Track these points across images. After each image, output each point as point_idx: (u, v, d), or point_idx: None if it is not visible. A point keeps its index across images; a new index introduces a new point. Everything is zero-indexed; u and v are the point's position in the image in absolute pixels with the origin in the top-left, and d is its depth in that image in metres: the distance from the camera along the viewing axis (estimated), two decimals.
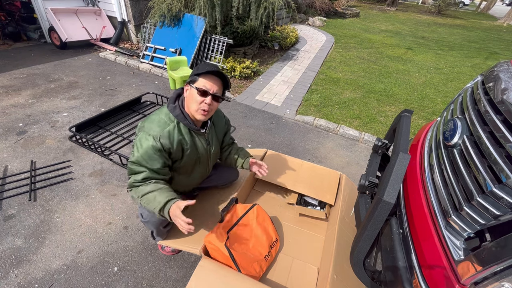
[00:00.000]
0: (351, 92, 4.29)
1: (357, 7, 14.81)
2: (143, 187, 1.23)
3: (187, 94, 1.31)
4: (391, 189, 1.02)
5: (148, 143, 1.21)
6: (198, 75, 1.26)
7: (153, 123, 1.28)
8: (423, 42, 8.43)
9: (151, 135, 1.22)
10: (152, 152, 1.22)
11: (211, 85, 1.26)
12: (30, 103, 3.23)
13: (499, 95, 0.96)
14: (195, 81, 1.27)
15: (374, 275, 1.19)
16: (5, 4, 5.20)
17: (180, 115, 1.31)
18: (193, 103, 1.27)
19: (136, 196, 1.25)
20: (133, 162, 1.24)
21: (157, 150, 1.22)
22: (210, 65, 1.28)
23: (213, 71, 1.25)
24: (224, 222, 1.51)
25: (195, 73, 1.27)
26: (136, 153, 1.23)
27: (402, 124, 1.47)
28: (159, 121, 1.28)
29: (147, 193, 1.21)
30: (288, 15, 8.73)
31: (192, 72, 1.31)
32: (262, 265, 1.47)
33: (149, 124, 1.27)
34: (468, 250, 0.86)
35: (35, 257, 1.63)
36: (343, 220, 1.81)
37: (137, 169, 1.24)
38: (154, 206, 1.19)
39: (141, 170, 1.23)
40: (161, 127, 1.26)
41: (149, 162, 1.23)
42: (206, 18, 4.22)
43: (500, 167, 0.81)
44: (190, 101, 1.29)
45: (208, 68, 1.25)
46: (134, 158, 1.23)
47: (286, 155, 2.21)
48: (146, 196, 1.21)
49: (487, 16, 17.99)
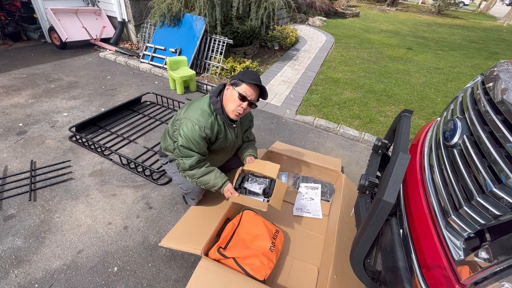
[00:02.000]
0: (351, 92, 4.29)
1: (357, 7, 14.81)
2: (197, 170, 1.53)
3: (228, 94, 1.48)
4: (391, 189, 1.02)
5: (195, 132, 1.43)
6: (243, 81, 1.42)
7: (197, 113, 1.46)
8: (423, 42, 8.43)
9: (197, 125, 1.43)
10: (199, 140, 1.46)
11: (251, 93, 1.45)
12: (30, 103, 3.23)
13: (499, 95, 0.96)
14: (238, 85, 1.44)
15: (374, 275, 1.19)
16: (5, 4, 5.20)
17: (219, 109, 1.50)
18: (232, 103, 1.47)
19: (192, 178, 1.55)
20: (184, 147, 1.46)
21: (202, 138, 1.46)
22: (255, 76, 1.45)
23: (256, 84, 1.43)
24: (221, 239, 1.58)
25: (240, 78, 1.43)
26: (185, 139, 1.44)
27: (402, 124, 1.47)
28: (203, 112, 1.48)
29: (203, 175, 1.54)
30: (288, 15, 8.73)
31: (237, 74, 1.47)
32: (269, 257, 1.48)
33: (194, 114, 1.46)
34: (468, 250, 0.86)
35: (35, 257, 1.63)
36: (343, 220, 1.81)
37: (188, 152, 1.48)
38: (213, 184, 1.55)
39: (192, 154, 1.48)
40: (205, 118, 1.47)
41: (197, 147, 1.47)
42: (206, 18, 4.22)
43: (500, 167, 0.81)
44: (230, 100, 1.47)
45: (253, 79, 1.43)
46: (184, 143, 1.45)
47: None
48: (204, 178, 1.55)
49: (487, 16, 17.99)
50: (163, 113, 3.27)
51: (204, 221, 1.67)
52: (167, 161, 1.79)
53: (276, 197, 1.56)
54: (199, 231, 1.59)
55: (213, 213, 1.73)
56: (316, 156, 2.38)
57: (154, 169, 2.26)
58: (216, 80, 4.31)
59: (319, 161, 2.30)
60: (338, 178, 2.23)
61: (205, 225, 1.63)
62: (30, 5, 5.04)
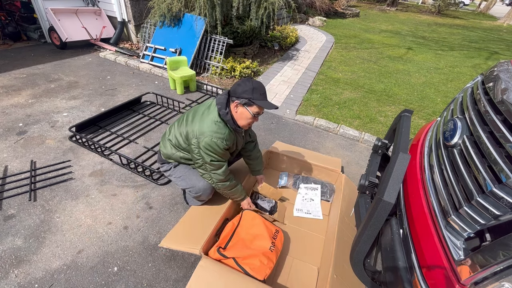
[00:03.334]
0: (351, 92, 4.29)
1: (357, 7, 14.81)
2: (229, 181, 1.63)
3: (238, 112, 1.50)
4: (391, 189, 1.02)
5: (218, 147, 1.49)
6: (254, 102, 1.44)
7: (213, 127, 1.49)
8: (423, 42, 8.43)
9: (219, 139, 1.48)
10: (223, 151, 1.52)
11: (262, 108, 1.50)
12: (30, 103, 3.23)
13: (499, 95, 0.96)
14: (250, 105, 1.46)
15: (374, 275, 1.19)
16: (5, 4, 5.20)
17: (230, 121, 1.52)
18: (244, 120, 1.51)
19: (223, 188, 1.64)
20: (213, 161, 1.52)
21: (226, 149, 1.54)
22: (263, 91, 1.47)
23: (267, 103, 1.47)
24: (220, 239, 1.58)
25: (250, 97, 1.43)
26: (211, 154, 1.50)
27: (402, 124, 1.47)
28: (218, 125, 1.50)
29: (234, 187, 1.67)
30: (288, 15, 8.73)
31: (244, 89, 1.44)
32: (269, 257, 1.48)
33: (210, 128, 1.48)
34: (468, 250, 0.86)
35: (35, 257, 1.63)
36: (343, 220, 1.81)
37: (218, 164, 1.55)
38: (238, 196, 1.74)
39: (222, 165, 1.56)
40: (222, 130, 1.51)
41: (223, 157, 1.56)
42: (206, 18, 4.22)
43: (500, 167, 0.81)
44: (241, 118, 1.51)
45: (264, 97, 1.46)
46: (213, 158, 1.51)
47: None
48: (233, 190, 1.68)
49: (487, 16, 17.98)
50: (163, 113, 3.27)
51: (204, 221, 1.68)
52: (171, 167, 1.78)
53: (280, 214, 1.94)
54: (198, 231, 1.59)
55: (213, 213, 1.73)
56: (316, 156, 2.38)
57: (154, 169, 2.26)
58: (216, 80, 4.31)
59: (319, 161, 2.30)
60: (338, 178, 2.23)
61: (204, 225, 1.63)
62: (30, 5, 5.04)
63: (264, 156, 2.28)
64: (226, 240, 1.56)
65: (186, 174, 1.73)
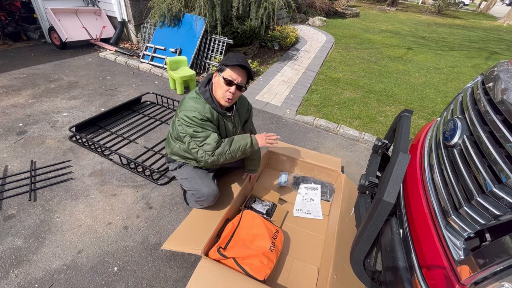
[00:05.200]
0: (351, 92, 4.29)
1: (357, 7, 14.81)
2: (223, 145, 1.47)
3: (215, 81, 1.46)
4: (391, 189, 1.02)
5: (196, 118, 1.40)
6: (226, 66, 1.39)
7: (190, 102, 1.44)
8: (423, 42, 8.43)
9: (196, 111, 1.40)
10: (203, 122, 1.42)
11: (237, 76, 1.41)
12: (30, 103, 3.23)
13: (499, 95, 0.96)
14: (222, 70, 1.41)
15: (374, 275, 1.19)
16: (5, 4, 5.20)
17: (209, 98, 1.47)
18: (219, 90, 1.44)
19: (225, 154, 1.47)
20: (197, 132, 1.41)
21: (205, 120, 1.43)
22: (238, 58, 1.40)
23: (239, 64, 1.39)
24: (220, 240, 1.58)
25: (223, 63, 1.40)
26: (192, 126, 1.41)
27: (402, 124, 1.47)
28: (195, 100, 1.45)
29: (231, 143, 1.49)
30: (288, 15, 8.73)
31: (221, 60, 1.43)
32: (269, 257, 1.48)
33: (188, 104, 1.44)
34: (468, 250, 0.86)
35: (35, 257, 1.63)
36: (343, 220, 1.81)
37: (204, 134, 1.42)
38: (245, 143, 1.51)
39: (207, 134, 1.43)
40: (201, 104, 1.44)
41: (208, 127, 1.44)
42: (206, 18, 4.22)
43: (500, 167, 0.81)
44: (217, 87, 1.45)
45: (236, 60, 1.38)
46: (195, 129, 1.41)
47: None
48: (234, 145, 1.49)
49: (487, 16, 17.98)
50: (163, 113, 3.26)
51: (205, 222, 1.67)
52: (176, 167, 1.76)
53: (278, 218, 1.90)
54: (199, 232, 1.59)
55: (214, 214, 1.73)
56: (316, 156, 2.38)
57: (154, 169, 2.26)
58: None
59: (319, 161, 2.30)
60: (338, 178, 2.23)
61: (205, 226, 1.63)
62: (30, 5, 5.04)
63: (264, 156, 2.28)
64: (226, 240, 1.56)
65: (192, 176, 1.70)
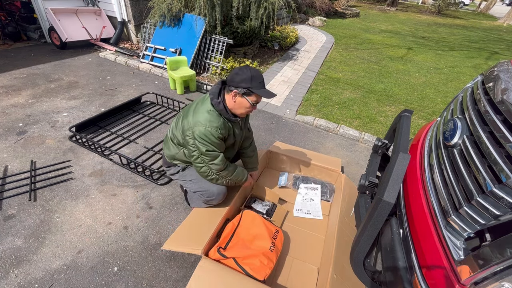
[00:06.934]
0: (351, 92, 4.29)
1: (357, 7, 14.81)
2: (227, 169, 1.59)
3: (236, 102, 1.48)
4: (391, 189, 1.02)
5: (212, 135, 1.46)
6: (252, 91, 1.43)
7: (206, 116, 1.47)
8: (423, 42, 8.43)
9: (212, 128, 1.45)
10: (218, 140, 1.49)
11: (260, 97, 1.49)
12: (30, 103, 3.23)
13: (499, 95, 0.96)
14: (249, 94, 1.45)
15: (374, 275, 1.19)
16: (5, 4, 5.20)
17: (223, 110, 1.50)
18: (242, 109, 1.51)
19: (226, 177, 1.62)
20: (209, 151, 1.49)
21: (220, 138, 1.50)
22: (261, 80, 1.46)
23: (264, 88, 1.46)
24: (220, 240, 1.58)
25: (249, 87, 1.41)
26: (206, 144, 1.46)
27: (402, 124, 1.47)
28: (211, 114, 1.48)
29: (234, 171, 1.64)
30: (288, 15, 8.73)
31: (242, 78, 1.42)
32: (269, 257, 1.48)
33: (203, 118, 1.46)
34: (468, 250, 0.86)
35: (35, 257, 1.63)
36: (343, 220, 1.81)
37: (214, 154, 1.51)
38: (242, 177, 1.70)
39: (217, 155, 1.52)
40: (216, 119, 1.48)
41: (218, 147, 1.51)
42: (206, 18, 4.22)
43: (500, 167, 0.81)
44: (239, 107, 1.50)
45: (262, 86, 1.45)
46: (207, 147, 1.47)
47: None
48: (236, 174, 1.65)
49: (487, 16, 17.97)
50: (163, 113, 3.27)
51: (205, 222, 1.67)
52: (179, 170, 1.74)
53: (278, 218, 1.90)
54: (199, 232, 1.58)
55: (214, 214, 1.73)
56: (316, 156, 2.38)
57: (154, 169, 2.26)
58: (216, 80, 4.30)
59: (319, 161, 2.30)
60: (338, 178, 2.23)
61: (206, 226, 1.62)
62: (30, 5, 5.04)
63: (264, 156, 2.28)
64: (226, 240, 1.56)
65: (198, 177, 1.68)
